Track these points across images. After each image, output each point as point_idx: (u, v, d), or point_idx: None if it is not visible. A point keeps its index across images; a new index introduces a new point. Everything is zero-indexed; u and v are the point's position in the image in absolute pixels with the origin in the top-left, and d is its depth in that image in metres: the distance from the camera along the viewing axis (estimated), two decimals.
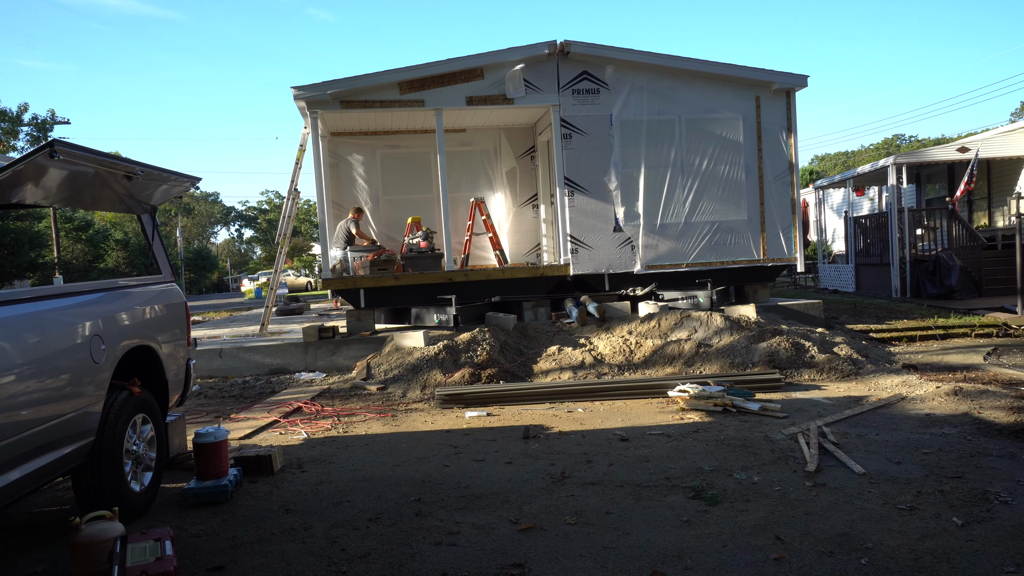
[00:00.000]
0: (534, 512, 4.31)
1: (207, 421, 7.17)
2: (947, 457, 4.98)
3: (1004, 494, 4.23)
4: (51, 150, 3.70)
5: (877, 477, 4.63)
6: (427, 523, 4.20)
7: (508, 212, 13.87)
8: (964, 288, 14.49)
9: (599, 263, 11.22)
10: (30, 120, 31.88)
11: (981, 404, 6.39)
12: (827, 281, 20.08)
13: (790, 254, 11.63)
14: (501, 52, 10.78)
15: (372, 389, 8.39)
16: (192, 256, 53.18)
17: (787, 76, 11.43)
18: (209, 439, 4.77)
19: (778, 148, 11.54)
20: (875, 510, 4.09)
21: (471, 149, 13.75)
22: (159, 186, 5.13)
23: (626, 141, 11.19)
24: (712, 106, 11.40)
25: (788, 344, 8.42)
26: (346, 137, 13.27)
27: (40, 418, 3.66)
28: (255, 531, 4.18)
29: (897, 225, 15.47)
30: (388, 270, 10.91)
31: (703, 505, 4.30)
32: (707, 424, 6.22)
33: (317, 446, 6.09)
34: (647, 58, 11.08)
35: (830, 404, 6.78)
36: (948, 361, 8.90)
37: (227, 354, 9.95)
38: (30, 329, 3.73)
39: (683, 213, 11.34)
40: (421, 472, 5.20)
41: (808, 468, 4.83)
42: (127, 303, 4.73)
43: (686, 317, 9.49)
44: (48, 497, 4.98)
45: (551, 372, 8.55)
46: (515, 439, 6.03)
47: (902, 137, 61.71)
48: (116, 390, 4.39)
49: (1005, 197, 16.86)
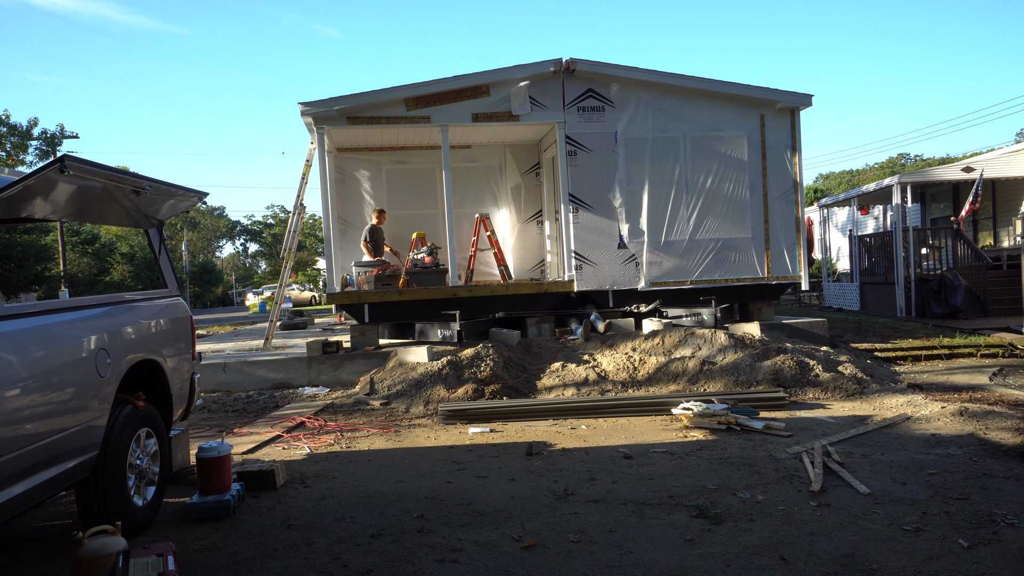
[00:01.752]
0: (537, 529, 4.29)
1: (210, 435, 7.16)
2: (953, 478, 4.95)
3: (1010, 516, 4.20)
4: (61, 165, 3.74)
5: (882, 497, 4.60)
6: (429, 540, 4.19)
7: (513, 228, 13.91)
8: (969, 308, 14.45)
9: (603, 280, 11.23)
10: (39, 134, 32.10)
11: (987, 425, 6.36)
12: (832, 299, 20.04)
13: (794, 272, 11.63)
14: (507, 69, 10.86)
15: (375, 404, 8.38)
16: (197, 270, 53.34)
17: (791, 95, 11.48)
18: (212, 454, 4.77)
19: (782, 166, 11.57)
20: (880, 531, 4.07)
21: (476, 165, 13.82)
22: (167, 201, 5.17)
23: (631, 158, 11.24)
24: (717, 124, 11.45)
25: (792, 362, 8.39)
26: (352, 153, 13.36)
27: (45, 431, 3.67)
28: (257, 547, 4.17)
29: (902, 244, 15.47)
30: (392, 285, 10.94)
31: (707, 524, 4.27)
32: (711, 442, 6.19)
33: (320, 461, 6.08)
34: (652, 76, 11.15)
35: (835, 423, 6.75)
36: (953, 381, 8.86)
37: (231, 368, 9.96)
38: (37, 342, 3.75)
39: (687, 230, 11.36)
40: (424, 488, 5.19)
41: (812, 488, 4.81)
42: (133, 317, 4.75)
43: (690, 334, 9.47)
44: (51, 511, 4.97)
45: (555, 388, 8.53)
46: (518, 456, 6.01)
47: (907, 156, 61.83)
48: (121, 404, 4.40)
49: (1010, 217, 16.86)
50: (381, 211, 12.54)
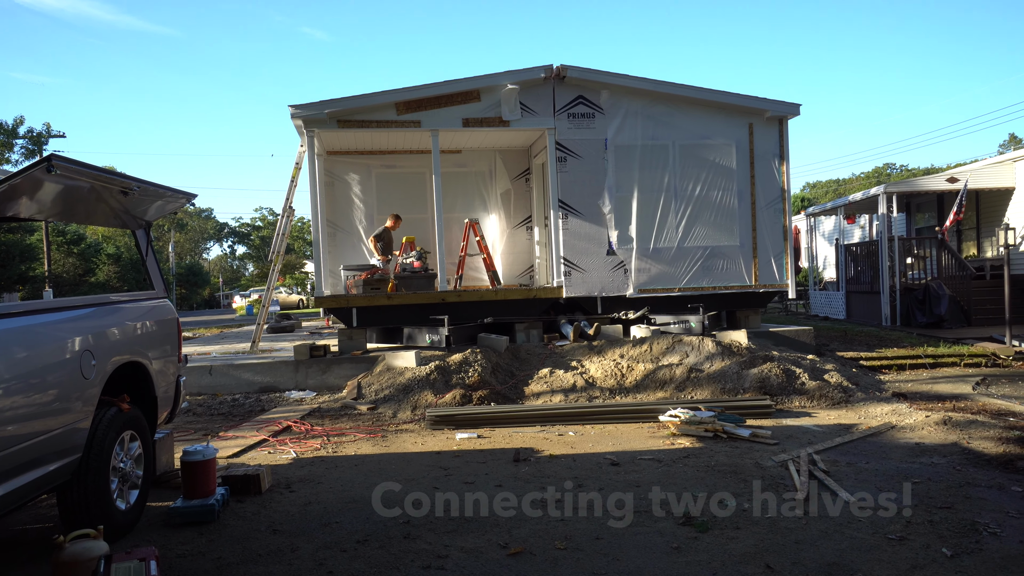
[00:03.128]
0: (523, 536, 4.29)
1: (195, 439, 7.11)
2: (936, 487, 4.99)
3: (993, 525, 4.23)
4: (48, 165, 3.71)
5: (867, 506, 4.62)
6: (415, 546, 4.17)
7: (502, 234, 13.91)
8: (953, 317, 14.59)
9: (592, 286, 11.24)
10: (25, 133, 31.83)
11: (970, 434, 6.41)
12: (818, 308, 20.18)
13: (782, 280, 11.69)
14: (498, 75, 10.87)
15: (362, 409, 8.35)
16: (184, 272, 53.02)
17: (780, 104, 11.57)
18: (197, 457, 4.73)
19: (770, 175, 11.64)
20: (865, 539, 4.09)
21: (466, 170, 13.81)
22: (154, 202, 5.14)
23: (620, 165, 11.28)
24: (706, 132, 11.51)
25: (779, 370, 8.44)
26: (342, 156, 13.32)
27: (27, 433, 3.62)
28: (241, 552, 4.14)
29: (887, 253, 15.60)
30: (381, 289, 10.90)
31: (693, 531, 4.28)
32: (698, 450, 6.21)
33: (306, 466, 6.04)
34: (642, 84, 11.20)
35: (820, 431, 6.79)
36: (937, 390, 8.94)
37: (217, 371, 9.89)
38: (19, 343, 3.71)
39: (676, 238, 11.40)
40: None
41: (798, 496, 4.83)
42: (118, 318, 4.71)
43: (678, 342, 9.50)
44: (32, 514, 4.91)
45: (542, 395, 8.53)
46: (505, 462, 6.00)
47: (893, 166, 62.49)
48: (105, 406, 4.35)
49: (993, 228, 17.03)
50: (397, 216, 12.47)
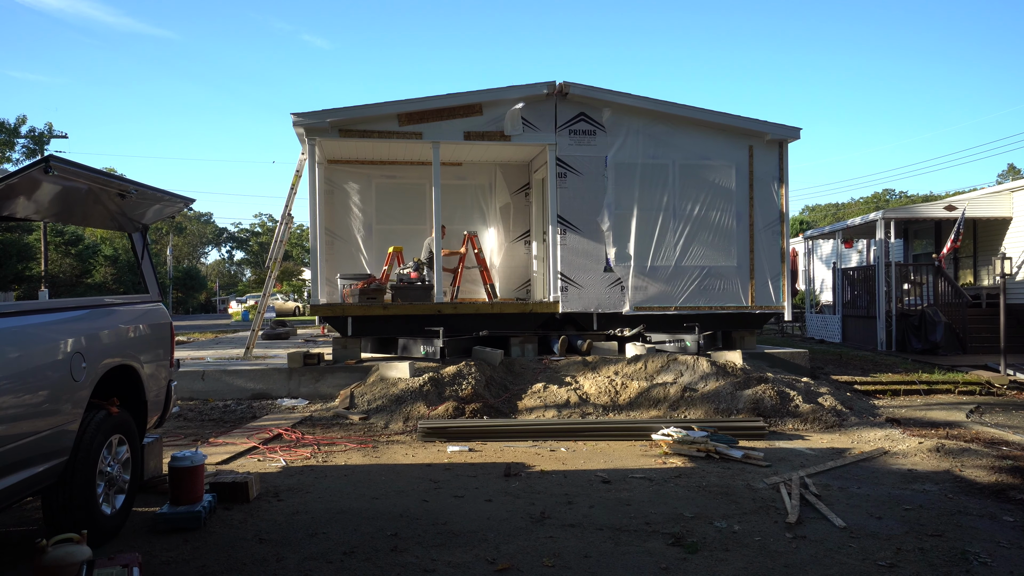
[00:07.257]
0: (512, 552, 4.25)
1: (185, 444, 7.06)
2: (928, 514, 4.97)
3: (983, 555, 4.21)
4: (46, 165, 3.71)
5: (858, 532, 4.60)
6: (402, 559, 4.13)
7: (500, 247, 13.92)
8: (949, 344, 14.59)
9: (588, 302, 11.24)
10: (27, 132, 31.84)
11: (963, 462, 6.40)
12: (814, 331, 20.18)
13: (778, 302, 11.70)
14: (500, 90, 10.93)
15: (354, 419, 8.31)
16: (181, 275, 52.90)
17: (781, 128, 11.63)
18: (185, 463, 4.70)
19: (769, 197, 11.68)
20: (855, 565, 4.06)
21: (466, 183, 13.85)
22: (152, 205, 5.14)
23: (620, 183, 11.31)
24: (706, 153, 11.56)
25: (773, 392, 8.42)
26: (343, 165, 13.35)
27: (14, 435, 3.59)
28: (226, 560, 4.10)
29: (884, 279, 15.63)
30: (377, 299, 10.89)
31: (682, 552, 4.25)
32: (689, 470, 6.18)
33: (295, 475, 6.00)
34: (644, 103, 11.26)
35: (813, 455, 6.76)
36: (931, 417, 8.92)
37: (209, 377, 9.85)
38: (10, 343, 3.68)
39: (673, 257, 11.42)
40: (399, 506, 5.13)
41: (789, 519, 4.80)
42: (111, 321, 4.69)
43: (673, 360, 9.49)
44: (14, 516, 4.86)
45: (536, 409, 8.50)
46: (496, 476, 5.97)
47: (891, 192, 62.76)
48: (94, 409, 4.32)
49: (990, 256, 17.08)
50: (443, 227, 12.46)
